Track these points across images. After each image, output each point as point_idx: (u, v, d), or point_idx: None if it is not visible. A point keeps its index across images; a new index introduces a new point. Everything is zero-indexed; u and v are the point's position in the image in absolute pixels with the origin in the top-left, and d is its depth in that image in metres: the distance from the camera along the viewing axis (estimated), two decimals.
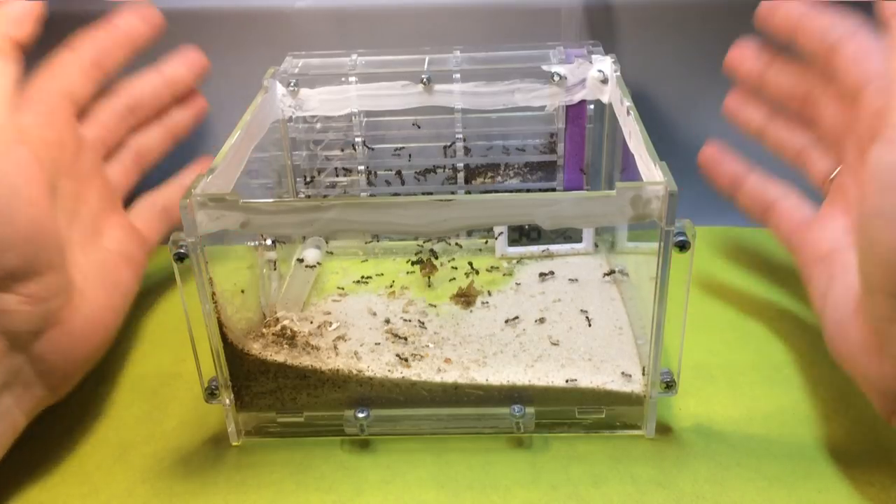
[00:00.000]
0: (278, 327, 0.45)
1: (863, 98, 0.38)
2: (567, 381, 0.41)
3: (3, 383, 0.36)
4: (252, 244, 0.47)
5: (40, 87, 0.41)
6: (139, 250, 0.45)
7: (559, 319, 0.47)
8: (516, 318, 0.47)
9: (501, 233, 0.54)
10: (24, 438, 0.38)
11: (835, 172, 0.42)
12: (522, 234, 0.55)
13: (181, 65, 0.49)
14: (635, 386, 0.41)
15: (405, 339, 0.45)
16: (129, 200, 0.48)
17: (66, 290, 0.38)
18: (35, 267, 0.35)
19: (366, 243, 0.56)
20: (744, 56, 0.46)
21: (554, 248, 0.55)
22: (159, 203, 0.49)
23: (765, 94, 0.46)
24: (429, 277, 0.52)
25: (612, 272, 0.52)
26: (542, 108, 0.51)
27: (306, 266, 0.51)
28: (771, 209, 0.45)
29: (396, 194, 0.55)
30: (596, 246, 0.55)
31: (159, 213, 0.49)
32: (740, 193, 0.47)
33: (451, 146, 0.53)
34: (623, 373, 0.41)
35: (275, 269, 0.49)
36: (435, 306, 0.49)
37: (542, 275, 0.50)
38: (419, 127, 0.53)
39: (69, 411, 0.42)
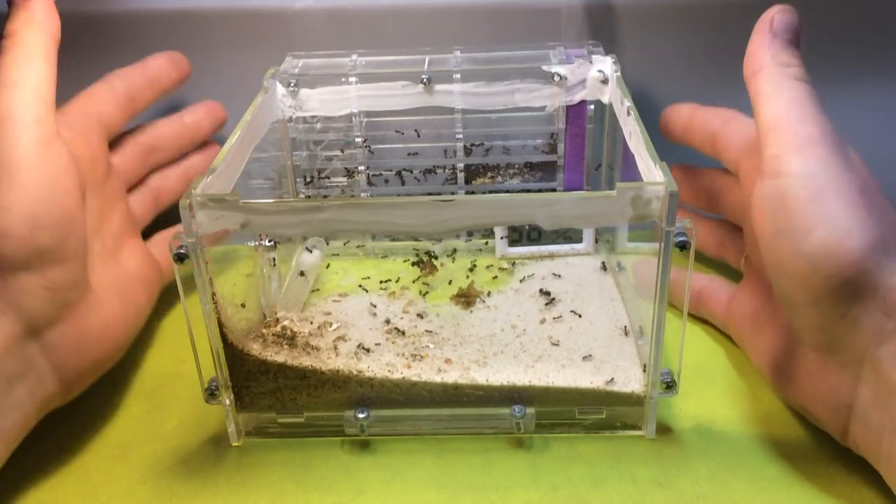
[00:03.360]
0: (278, 327, 0.45)
1: (741, 167, 0.43)
2: (606, 382, 0.41)
3: (18, 372, 0.37)
4: (252, 244, 0.47)
5: (76, 109, 0.44)
6: (154, 275, 0.47)
7: (560, 320, 0.47)
8: (549, 294, 0.49)
9: (503, 237, 0.54)
10: (24, 438, 0.38)
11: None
12: (522, 235, 0.55)
13: (202, 114, 0.53)
14: (635, 386, 0.41)
15: (402, 332, 0.46)
16: (146, 236, 0.49)
17: (84, 286, 0.39)
18: (61, 252, 0.38)
19: (358, 246, 0.56)
20: None
21: (554, 248, 0.55)
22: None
23: (683, 199, 0.51)
24: (429, 277, 0.52)
25: (604, 267, 0.52)
26: (543, 108, 0.51)
27: (302, 273, 0.51)
28: (699, 299, 0.48)
29: (397, 195, 0.55)
30: (596, 241, 0.55)
31: None
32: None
33: (466, 146, 0.53)
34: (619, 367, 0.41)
35: (274, 266, 0.49)
36: (433, 305, 0.49)
37: (542, 292, 0.50)
38: (419, 135, 0.53)
39: (69, 411, 0.42)
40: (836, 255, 0.34)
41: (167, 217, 0.52)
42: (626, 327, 0.46)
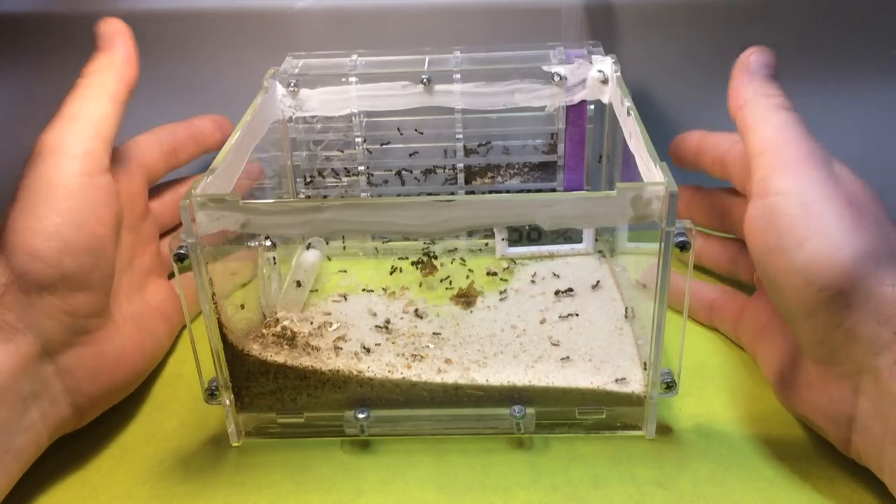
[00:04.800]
0: (278, 328, 0.45)
1: (747, 187, 0.42)
2: (617, 380, 0.41)
3: (33, 393, 0.37)
4: (252, 244, 0.47)
5: (123, 151, 0.46)
6: (176, 313, 0.47)
7: (559, 320, 0.47)
8: (570, 289, 0.49)
9: (503, 237, 0.54)
10: None
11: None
12: (522, 235, 0.55)
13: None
14: (636, 386, 0.41)
15: (385, 326, 0.46)
16: None
17: (105, 316, 0.40)
18: (87, 280, 0.38)
19: (386, 240, 0.56)
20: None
21: (554, 248, 0.55)
22: None
23: (696, 219, 0.51)
24: (430, 276, 0.52)
25: (603, 254, 0.53)
26: (543, 108, 0.51)
27: (299, 277, 0.51)
28: (712, 309, 0.48)
29: (397, 195, 0.55)
30: (596, 241, 0.55)
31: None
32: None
33: (466, 147, 0.53)
34: (618, 379, 0.41)
35: (274, 266, 0.49)
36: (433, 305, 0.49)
37: (557, 292, 0.50)
38: (422, 133, 0.53)
39: None
40: (828, 266, 0.34)
41: None
42: (626, 309, 0.47)
